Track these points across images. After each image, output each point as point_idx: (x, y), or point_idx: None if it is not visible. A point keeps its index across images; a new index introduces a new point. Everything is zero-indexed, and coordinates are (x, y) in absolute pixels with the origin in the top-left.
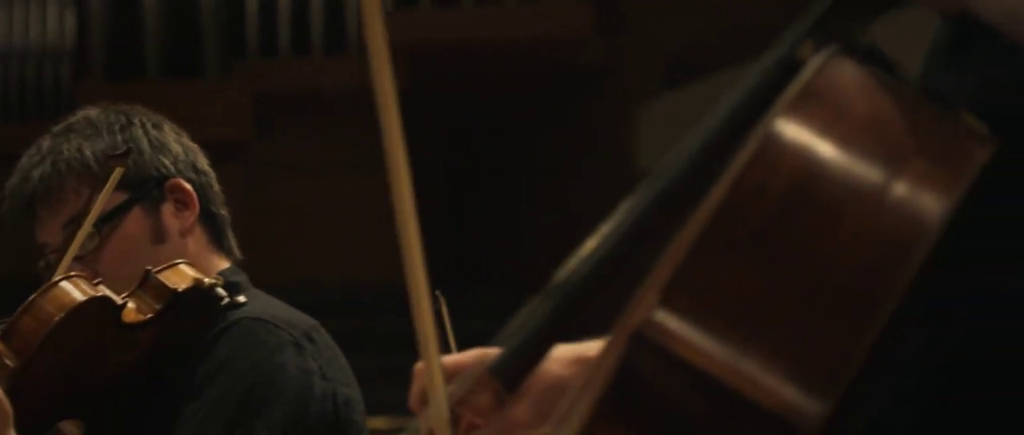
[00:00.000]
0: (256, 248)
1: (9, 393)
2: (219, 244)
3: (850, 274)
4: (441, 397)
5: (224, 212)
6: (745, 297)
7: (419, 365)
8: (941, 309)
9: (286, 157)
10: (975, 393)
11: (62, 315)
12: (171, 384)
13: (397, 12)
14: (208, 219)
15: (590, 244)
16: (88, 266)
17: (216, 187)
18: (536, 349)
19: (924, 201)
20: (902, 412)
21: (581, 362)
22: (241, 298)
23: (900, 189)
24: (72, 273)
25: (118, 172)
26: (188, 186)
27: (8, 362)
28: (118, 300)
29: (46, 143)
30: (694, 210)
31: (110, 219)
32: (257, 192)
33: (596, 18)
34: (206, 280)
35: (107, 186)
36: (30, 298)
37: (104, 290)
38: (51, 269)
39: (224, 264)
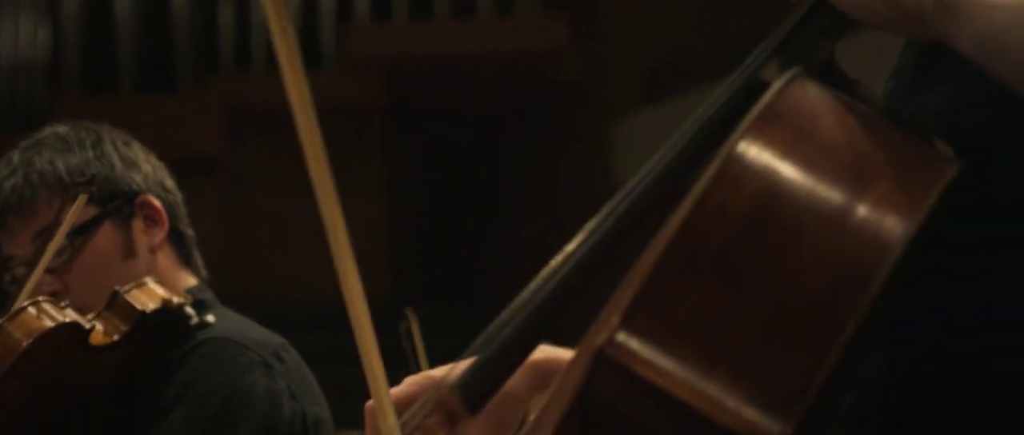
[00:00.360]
0: (231, 261)
1: None
2: (187, 262)
3: (812, 296)
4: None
5: (190, 231)
6: (707, 318)
7: (369, 404)
8: (902, 329)
9: (260, 171)
10: (935, 413)
11: (30, 341)
12: (139, 404)
13: (372, 25)
14: (176, 237)
15: (556, 261)
16: (58, 279)
17: (182, 206)
18: (502, 366)
19: (887, 223)
20: (863, 433)
21: (532, 368)
22: (210, 318)
23: (863, 211)
24: (39, 298)
25: (82, 199)
26: (158, 203)
27: None
28: (86, 323)
29: (16, 156)
30: (659, 230)
31: (82, 232)
32: (231, 206)
33: (572, 31)
34: (175, 300)
35: (74, 207)
36: None
37: (72, 314)
38: (18, 283)
39: (192, 281)
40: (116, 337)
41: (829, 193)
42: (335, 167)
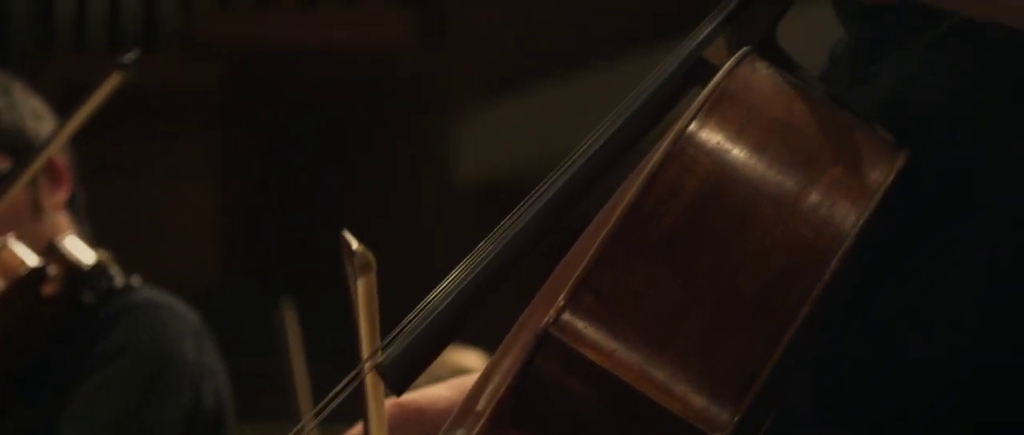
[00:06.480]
0: None
1: None
2: (82, 226)
3: (765, 282)
4: None
5: (82, 196)
6: (656, 301)
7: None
8: (850, 319)
9: (97, 154)
10: (878, 401)
11: (9, 284)
12: (61, 361)
13: (215, 10)
14: (72, 200)
15: (482, 245)
16: None
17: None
18: (426, 349)
19: (840, 210)
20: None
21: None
22: (135, 280)
23: (816, 196)
24: (10, 237)
25: (116, 78)
26: (63, 162)
27: None
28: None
29: None
30: (587, 219)
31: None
32: None
33: (418, 26)
34: (103, 258)
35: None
36: None
37: (31, 257)
38: None
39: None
40: (58, 290)
41: (781, 177)
42: (170, 151)
